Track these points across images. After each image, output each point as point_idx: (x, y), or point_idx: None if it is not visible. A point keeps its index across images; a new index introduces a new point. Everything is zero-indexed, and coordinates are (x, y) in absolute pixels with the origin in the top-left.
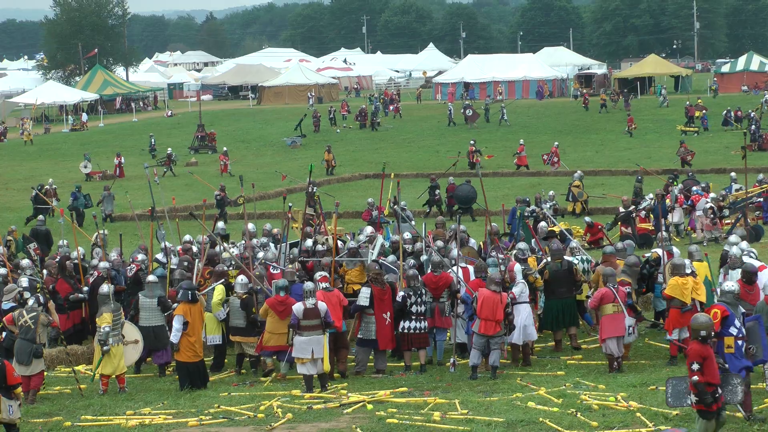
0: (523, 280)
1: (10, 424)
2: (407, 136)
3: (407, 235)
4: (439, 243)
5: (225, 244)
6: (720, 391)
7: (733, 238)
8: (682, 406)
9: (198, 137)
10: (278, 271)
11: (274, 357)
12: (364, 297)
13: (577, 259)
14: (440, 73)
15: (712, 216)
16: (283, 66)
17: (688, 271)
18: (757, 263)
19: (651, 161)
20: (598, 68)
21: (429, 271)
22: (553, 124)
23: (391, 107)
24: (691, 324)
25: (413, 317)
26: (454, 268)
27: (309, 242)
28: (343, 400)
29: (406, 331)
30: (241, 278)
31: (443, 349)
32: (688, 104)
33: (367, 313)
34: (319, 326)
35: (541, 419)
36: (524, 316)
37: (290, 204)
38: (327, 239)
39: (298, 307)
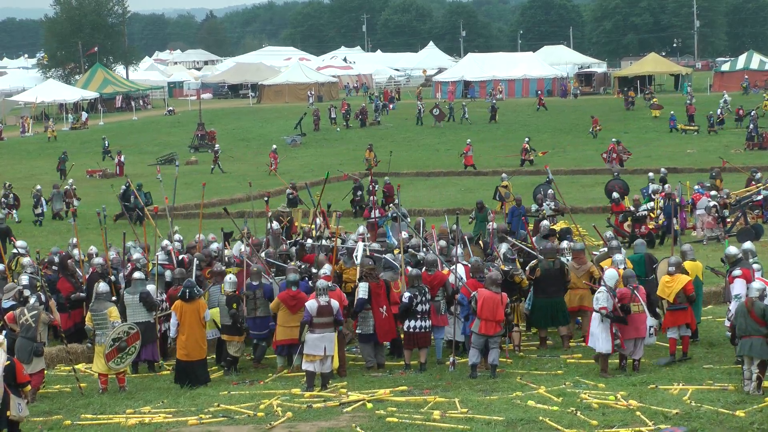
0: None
1: (14, 423)
2: (407, 135)
3: (403, 234)
4: (442, 242)
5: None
6: None
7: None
8: None
9: (198, 136)
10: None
11: (288, 355)
12: (363, 290)
13: (567, 259)
14: (440, 71)
15: (716, 214)
16: (283, 64)
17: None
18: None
19: (651, 160)
20: (598, 67)
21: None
22: (553, 122)
23: (391, 106)
24: None
25: (418, 316)
26: (456, 267)
27: (309, 241)
28: (343, 398)
29: (411, 330)
30: (230, 277)
31: (441, 348)
32: (688, 102)
33: (365, 308)
34: (332, 323)
35: (540, 418)
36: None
37: (266, 198)
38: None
39: (311, 304)
